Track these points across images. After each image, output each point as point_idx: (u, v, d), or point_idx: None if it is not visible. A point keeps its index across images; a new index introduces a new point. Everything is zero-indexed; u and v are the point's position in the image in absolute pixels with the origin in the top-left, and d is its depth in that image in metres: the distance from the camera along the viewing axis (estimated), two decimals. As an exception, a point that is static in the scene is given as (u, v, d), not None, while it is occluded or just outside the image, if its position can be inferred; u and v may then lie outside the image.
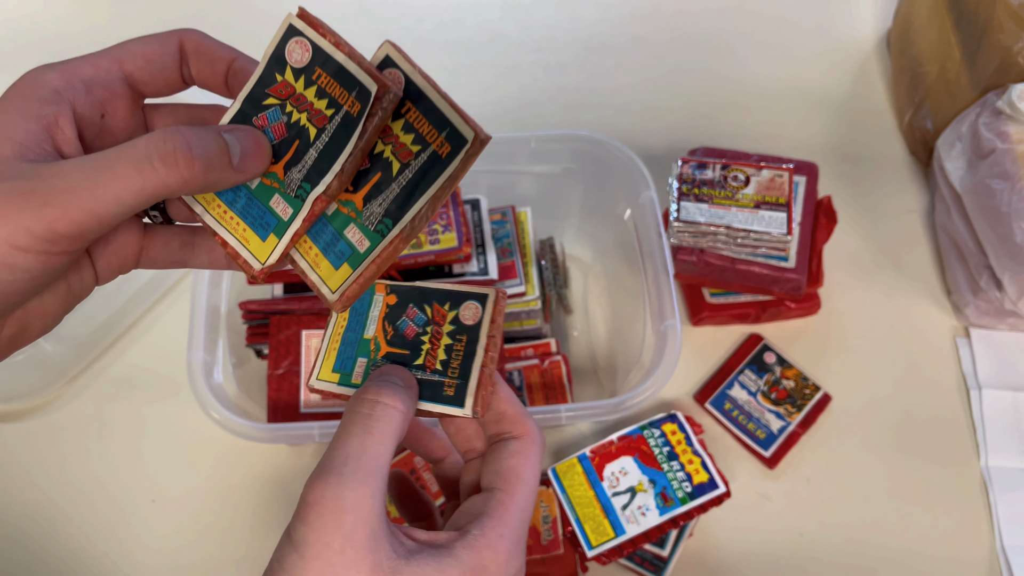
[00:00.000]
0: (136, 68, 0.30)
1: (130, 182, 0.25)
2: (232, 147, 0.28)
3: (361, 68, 0.27)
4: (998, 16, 0.64)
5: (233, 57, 0.31)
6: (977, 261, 0.65)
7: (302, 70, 0.29)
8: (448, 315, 0.33)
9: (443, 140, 0.28)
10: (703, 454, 0.58)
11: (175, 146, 0.26)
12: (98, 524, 0.61)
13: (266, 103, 0.29)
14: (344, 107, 0.28)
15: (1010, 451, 0.63)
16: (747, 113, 0.80)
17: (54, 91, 0.28)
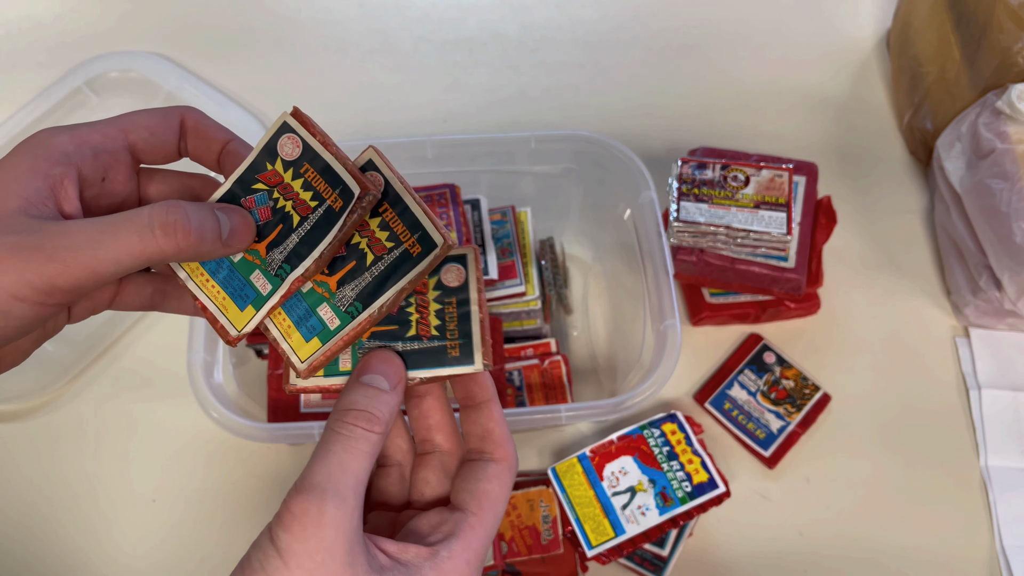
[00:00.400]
0: (139, 139, 0.33)
1: (131, 247, 0.28)
2: (223, 224, 0.31)
3: (346, 170, 0.31)
4: (997, 16, 0.64)
5: (228, 139, 0.34)
6: (977, 261, 0.65)
7: (291, 163, 0.32)
8: (430, 281, 0.33)
9: (415, 241, 0.31)
10: (703, 454, 0.58)
11: (176, 218, 0.29)
12: (98, 524, 0.61)
13: (255, 187, 0.32)
14: (327, 201, 0.31)
15: (1010, 451, 0.63)
16: (747, 113, 0.80)
17: (64, 154, 0.30)
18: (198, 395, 0.54)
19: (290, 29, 0.86)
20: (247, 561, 0.29)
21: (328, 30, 0.86)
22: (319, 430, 0.54)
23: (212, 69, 0.81)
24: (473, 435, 0.35)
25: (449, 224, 0.61)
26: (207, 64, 0.82)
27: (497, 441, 0.34)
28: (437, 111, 0.81)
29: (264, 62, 0.83)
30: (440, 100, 0.82)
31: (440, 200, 0.62)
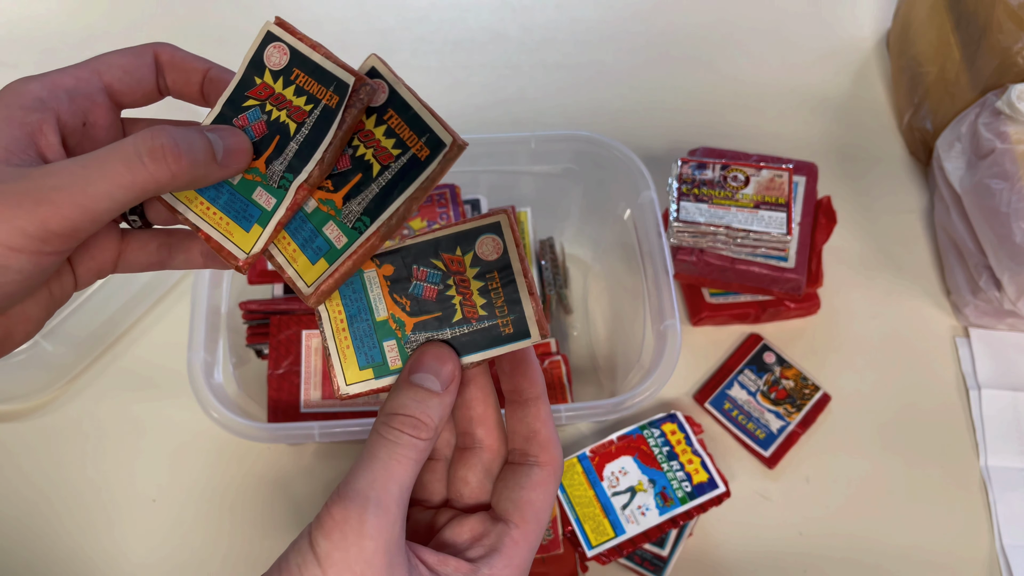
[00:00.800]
0: (115, 79, 0.31)
1: (121, 178, 0.26)
2: (215, 144, 0.29)
3: (337, 65, 0.29)
4: (997, 16, 0.65)
5: (207, 67, 0.32)
6: (976, 261, 0.65)
7: (280, 72, 0.30)
8: (465, 259, 0.31)
9: (422, 144, 0.29)
10: (703, 454, 0.58)
11: (163, 143, 0.27)
12: (99, 523, 0.61)
13: (246, 104, 0.31)
14: (323, 101, 0.29)
15: (1009, 451, 0.63)
16: (747, 113, 0.80)
17: (38, 99, 0.29)
18: (198, 395, 0.54)
19: (290, 29, 0.86)
20: (284, 562, 0.28)
21: (328, 30, 0.86)
22: (319, 430, 0.54)
23: (212, 69, 0.81)
24: (518, 434, 0.32)
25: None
26: (207, 64, 0.82)
27: (543, 443, 0.32)
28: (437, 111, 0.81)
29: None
30: (440, 100, 0.81)
31: (440, 200, 0.62)
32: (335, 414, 0.59)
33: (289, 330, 0.60)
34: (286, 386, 0.59)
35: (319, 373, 0.59)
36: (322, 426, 0.54)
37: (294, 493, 0.62)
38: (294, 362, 0.60)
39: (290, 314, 0.61)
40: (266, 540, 0.60)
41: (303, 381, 0.59)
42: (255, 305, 0.61)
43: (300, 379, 0.59)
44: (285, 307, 0.61)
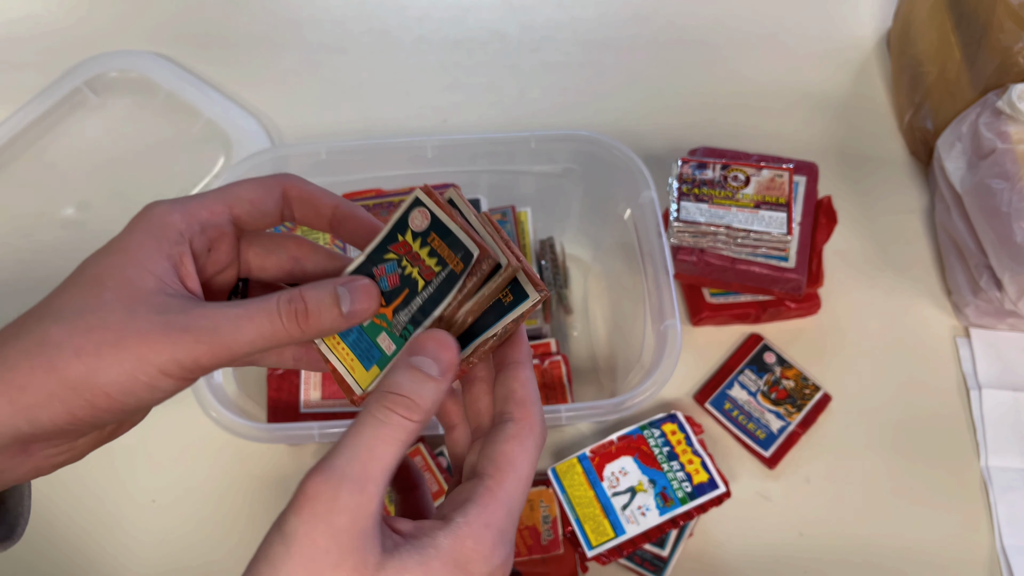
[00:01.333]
0: (243, 212, 0.35)
1: (263, 330, 0.31)
2: (343, 298, 0.33)
3: (468, 236, 0.33)
4: (998, 16, 0.64)
5: (335, 204, 0.36)
6: (977, 261, 0.65)
7: (420, 234, 0.34)
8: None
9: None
10: (703, 454, 0.58)
11: (298, 307, 0.32)
12: (99, 524, 0.61)
13: (386, 257, 0.35)
14: (450, 266, 0.33)
15: (1010, 451, 0.63)
16: (747, 113, 0.80)
17: (179, 232, 0.33)
18: (198, 395, 0.54)
19: (290, 28, 0.86)
20: (260, 546, 0.28)
21: (328, 29, 0.86)
22: (319, 430, 0.54)
23: (212, 69, 0.81)
24: (498, 397, 0.33)
25: None
26: (207, 64, 0.82)
27: (519, 401, 0.32)
28: (437, 111, 0.81)
29: (264, 61, 0.83)
30: (440, 100, 0.82)
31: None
32: (335, 414, 0.59)
33: (289, 330, 0.60)
34: (286, 386, 0.59)
35: (319, 374, 0.59)
36: (322, 426, 0.54)
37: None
38: (294, 362, 0.60)
39: (290, 314, 0.61)
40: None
41: (303, 381, 0.59)
42: (255, 305, 0.61)
43: (300, 379, 0.59)
44: (285, 307, 0.61)
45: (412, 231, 0.34)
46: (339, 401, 0.59)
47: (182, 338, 0.30)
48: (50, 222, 0.71)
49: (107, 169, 0.74)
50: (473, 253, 0.32)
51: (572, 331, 0.68)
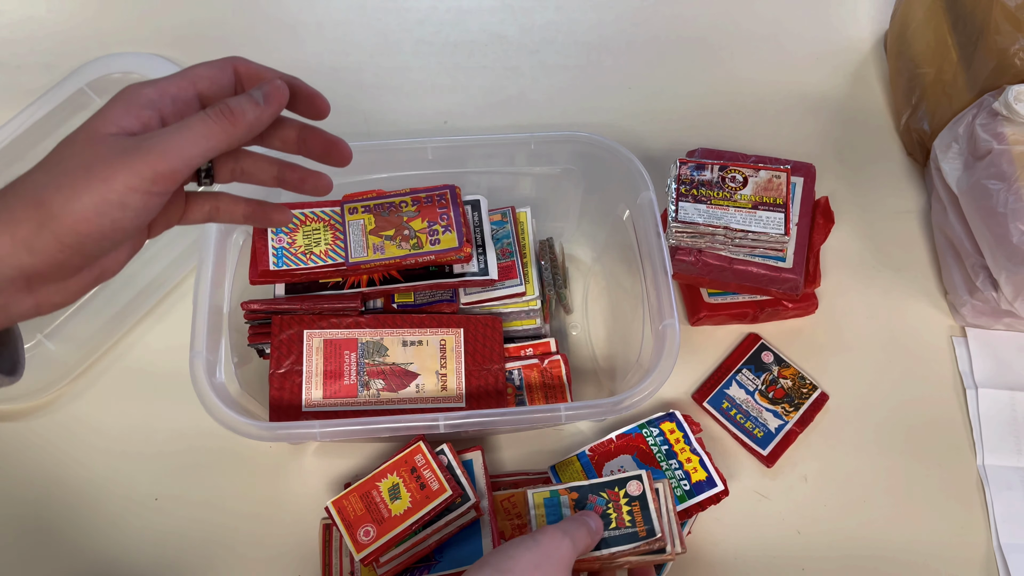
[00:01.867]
0: (205, 87, 0.42)
1: (200, 131, 0.38)
2: (255, 95, 0.40)
3: (659, 523, 0.51)
4: (994, 18, 0.65)
5: (275, 75, 0.43)
6: (973, 261, 0.65)
7: (632, 499, 0.52)
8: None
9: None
10: (701, 452, 0.58)
11: (221, 108, 0.39)
12: (101, 523, 0.61)
13: (601, 494, 0.53)
14: (637, 530, 0.51)
15: (1006, 450, 0.63)
16: (745, 114, 0.81)
17: (150, 100, 0.39)
18: (200, 394, 0.54)
19: (291, 31, 0.86)
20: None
21: (329, 32, 0.86)
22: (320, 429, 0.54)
23: (214, 71, 0.82)
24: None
25: (449, 225, 0.61)
26: (209, 66, 0.82)
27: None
28: (438, 113, 0.81)
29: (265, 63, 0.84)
30: (441, 102, 0.82)
31: (440, 201, 0.63)
32: (336, 413, 0.59)
33: (291, 330, 0.61)
34: (288, 385, 0.59)
35: (320, 372, 0.60)
36: (323, 425, 0.54)
37: (295, 492, 0.62)
38: (296, 361, 0.60)
39: (292, 314, 0.61)
40: (267, 539, 0.60)
41: (304, 380, 0.60)
42: (257, 305, 0.61)
43: (302, 378, 0.60)
44: (286, 307, 0.61)
45: (627, 492, 0.51)
46: (340, 400, 0.59)
47: (136, 154, 0.36)
48: (53, 223, 0.72)
49: (109, 170, 0.74)
50: (657, 534, 0.49)
51: (572, 331, 0.69)
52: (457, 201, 0.62)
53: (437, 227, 0.61)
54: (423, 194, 0.63)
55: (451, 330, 0.62)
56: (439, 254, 0.60)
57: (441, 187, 0.63)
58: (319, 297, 0.62)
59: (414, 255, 0.60)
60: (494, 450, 0.64)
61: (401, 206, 0.62)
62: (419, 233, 0.61)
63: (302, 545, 0.60)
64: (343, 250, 0.61)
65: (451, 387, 0.60)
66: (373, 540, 0.53)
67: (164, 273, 0.70)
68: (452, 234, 0.61)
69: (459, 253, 0.60)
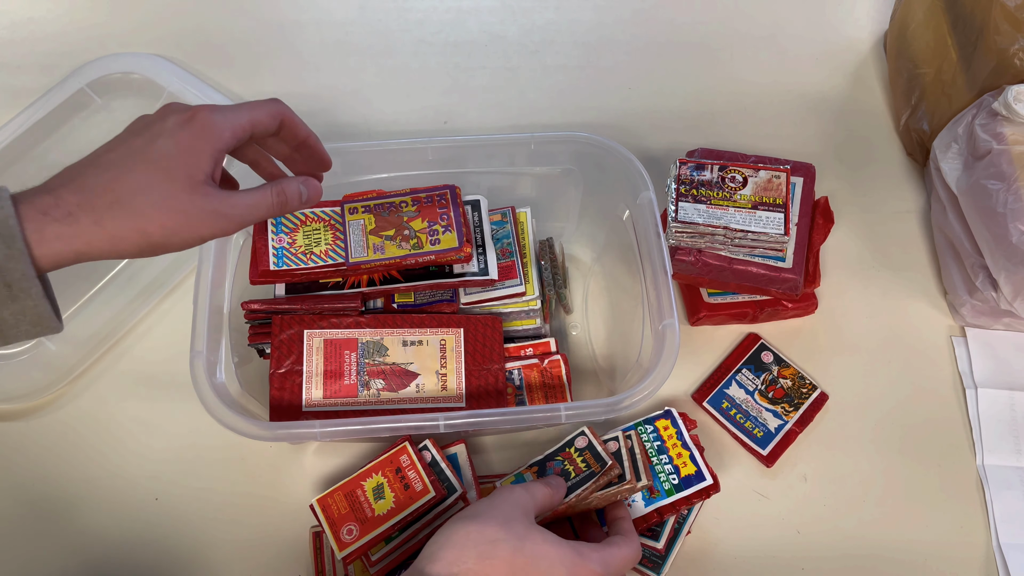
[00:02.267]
0: (259, 129, 0.49)
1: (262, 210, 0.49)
2: (303, 192, 0.51)
3: (607, 455, 0.55)
4: (994, 18, 0.65)
5: (308, 134, 0.53)
6: (973, 261, 0.65)
7: (581, 450, 0.56)
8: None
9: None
10: (692, 447, 0.58)
11: (282, 187, 0.50)
12: (101, 523, 0.61)
13: (556, 458, 0.56)
14: (591, 468, 0.54)
15: (1006, 450, 0.64)
16: (745, 115, 0.81)
17: (226, 142, 0.47)
18: (200, 394, 0.54)
19: (291, 31, 0.86)
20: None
21: (329, 32, 0.86)
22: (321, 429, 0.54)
23: (214, 71, 0.82)
24: (610, 521, 0.55)
25: (449, 225, 0.61)
26: (209, 66, 0.82)
27: (624, 528, 0.53)
28: (438, 113, 0.81)
29: (265, 64, 0.84)
30: (440, 102, 0.82)
31: (440, 201, 0.63)
32: (336, 413, 0.59)
33: (291, 329, 0.61)
34: (288, 385, 0.60)
35: (321, 372, 0.60)
36: (324, 425, 0.54)
37: (294, 492, 0.62)
38: (296, 361, 0.60)
39: (292, 314, 0.61)
40: (267, 538, 0.60)
41: (305, 380, 0.60)
42: (257, 305, 0.61)
43: (302, 378, 0.60)
44: (287, 307, 0.61)
45: (575, 448, 0.56)
46: (341, 400, 0.59)
47: (219, 221, 0.46)
48: (53, 223, 0.71)
49: (110, 170, 0.74)
50: (607, 463, 0.54)
51: (572, 330, 0.69)
52: (457, 201, 0.63)
53: (437, 227, 0.61)
54: (423, 194, 0.63)
55: (451, 330, 0.62)
56: (439, 254, 0.60)
57: (441, 187, 0.63)
58: (319, 297, 0.62)
59: (414, 255, 0.60)
60: (493, 451, 0.64)
61: (401, 206, 0.63)
62: (419, 233, 0.61)
63: (303, 544, 0.60)
64: (343, 250, 0.61)
65: (451, 387, 0.60)
66: (356, 539, 0.54)
67: (164, 273, 0.70)
68: (452, 234, 0.61)
69: (459, 253, 0.60)
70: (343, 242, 0.61)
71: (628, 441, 0.57)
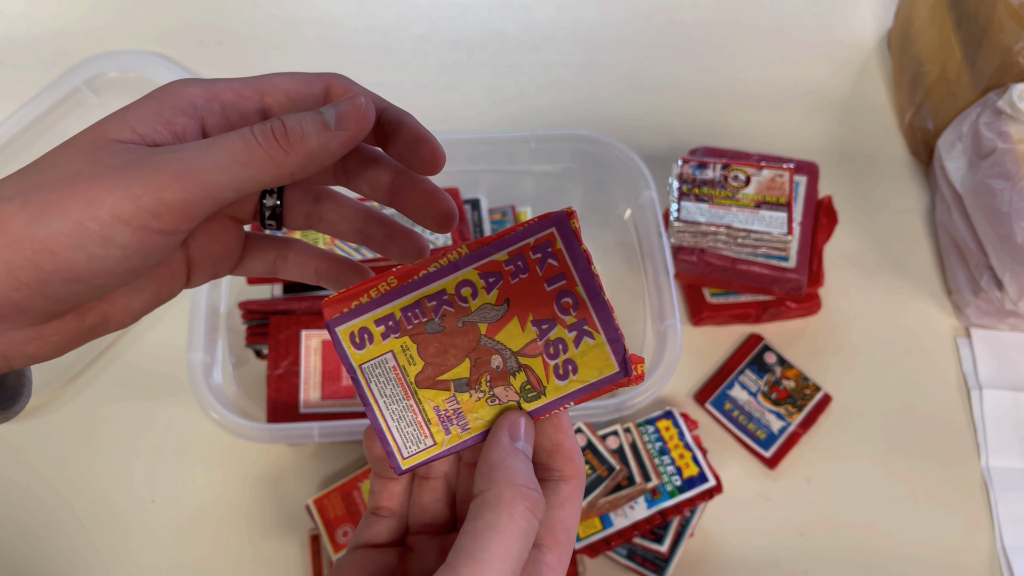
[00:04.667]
0: (275, 103, 0.30)
1: (237, 153, 0.26)
2: (326, 114, 0.28)
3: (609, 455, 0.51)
4: (998, 16, 0.64)
5: (383, 107, 0.31)
6: (978, 261, 0.65)
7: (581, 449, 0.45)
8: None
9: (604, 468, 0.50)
10: (694, 448, 0.58)
11: (273, 124, 0.27)
12: (98, 524, 0.61)
13: None
14: (597, 472, 0.51)
15: (1011, 451, 0.63)
16: (747, 113, 0.80)
17: (191, 104, 0.28)
18: (198, 395, 0.53)
19: (289, 28, 0.86)
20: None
21: (327, 29, 0.86)
22: (318, 430, 0.54)
23: (212, 68, 0.81)
24: (541, 448, 0.30)
25: (587, 320, 0.60)
26: (207, 63, 0.82)
27: (567, 455, 0.29)
28: (437, 111, 0.81)
29: (263, 61, 0.83)
30: (440, 100, 0.81)
31: (549, 258, 0.62)
32: (334, 414, 0.59)
33: (288, 330, 0.60)
34: (285, 386, 0.59)
35: (318, 373, 0.59)
36: (321, 426, 0.54)
37: (293, 493, 0.61)
38: (293, 362, 0.59)
39: (289, 314, 0.61)
40: (265, 540, 0.60)
41: (302, 381, 0.59)
42: (254, 305, 0.61)
43: (299, 379, 0.59)
44: (284, 307, 0.61)
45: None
46: (338, 401, 0.59)
47: (138, 172, 0.25)
48: (49, 222, 0.71)
49: (106, 169, 0.74)
50: (611, 464, 0.50)
51: (572, 331, 0.68)
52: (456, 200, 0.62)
53: (559, 332, 0.60)
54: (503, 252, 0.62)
55: (451, 330, 0.61)
56: (584, 394, 0.59)
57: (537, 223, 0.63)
58: (317, 298, 0.61)
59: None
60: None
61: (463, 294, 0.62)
62: (526, 362, 0.59)
63: (300, 546, 0.59)
64: (342, 250, 0.61)
65: None
66: None
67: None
68: (599, 343, 0.59)
69: (624, 383, 0.59)
70: (342, 242, 0.61)
71: (628, 436, 0.55)
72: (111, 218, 0.25)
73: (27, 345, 0.28)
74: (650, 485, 0.53)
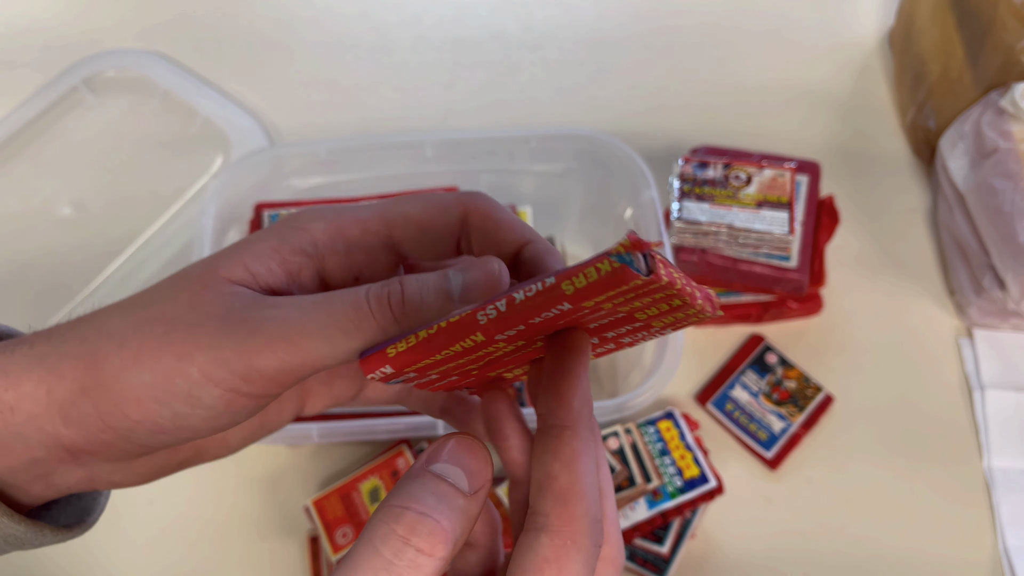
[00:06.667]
0: (407, 237, 0.27)
1: (343, 317, 0.23)
2: (453, 280, 0.24)
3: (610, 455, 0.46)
4: (1001, 15, 0.64)
5: (525, 241, 0.27)
6: (980, 261, 0.65)
7: None
8: None
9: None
10: (695, 449, 0.57)
11: (391, 289, 0.24)
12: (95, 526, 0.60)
13: None
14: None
15: (1013, 452, 0.63)
16: (749, 112, 0.80)
17: (312, 243, 0.26)
18: (196, 396, 0.53)
19: (289, 26, 0.85)
20: None
21: (327, 27, 0.85)
22: (317, 431, 0.53)
23: (210, 67, 0.81)
24: (533, 480, 0.23)
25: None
26: (205, 62, 0.81)
27: (558, 495, 0.22)
28: (437, 109, 0.80)
29: (263, 60, 0.83)
30: (440, 99, 0.81)
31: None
32: (333, 415, 0.58)
33: (287, 330, 0.60)
34: (284, 387, 0.59)
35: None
36: (320, 427, 0.53)
37: (292, 494, 0.61)
38: (292, 363, 0.59)
39: (288, 314, 0.60)
40: (264, 541, 0.60)
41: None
42: (253, 305, 0.60)
43: (298, 380, 0.59)
44: (283, 307, 0.60)
45: None
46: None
47: (236, 330, 0.23)
48: (46, 221, 0.71)
49: (104, 168, 0.73)
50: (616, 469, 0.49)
51: (572, 331, 0.68)
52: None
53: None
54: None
55: (451, 331, 0.61)
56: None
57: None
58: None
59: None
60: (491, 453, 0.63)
61: None
62: None
63: (299, 547, 0.59)
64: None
65: None
66: (351, 542, 0.53)
67: (161, 273, 0.69)
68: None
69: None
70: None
71: (629, 436, 0.54)
72: (201, 377, 0.23)
73: (113, 474, 0.27)
74: (651, 486, 0.52)
